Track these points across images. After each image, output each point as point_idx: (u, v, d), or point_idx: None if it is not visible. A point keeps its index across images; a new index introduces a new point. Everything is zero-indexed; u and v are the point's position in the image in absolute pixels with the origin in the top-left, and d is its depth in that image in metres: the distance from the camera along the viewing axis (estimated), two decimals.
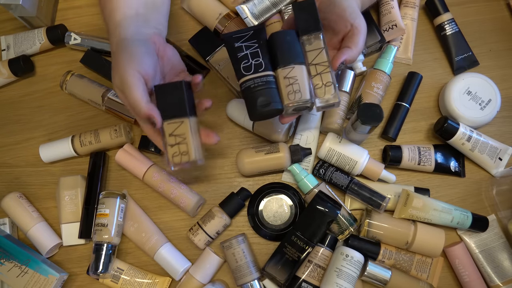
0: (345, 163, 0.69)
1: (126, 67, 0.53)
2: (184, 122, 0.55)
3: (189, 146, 0.55)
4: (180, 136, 0.55)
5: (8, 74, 0.76)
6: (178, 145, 0.55)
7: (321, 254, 0.65)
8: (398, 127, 0.73)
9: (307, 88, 0.55)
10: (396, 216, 0.67)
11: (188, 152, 0.55)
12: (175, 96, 0.55)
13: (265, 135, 0.71)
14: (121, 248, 0.72)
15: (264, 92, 0.54)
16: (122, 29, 0.56)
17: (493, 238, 0.68)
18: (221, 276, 0.70)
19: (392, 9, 0.75)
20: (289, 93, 0.54)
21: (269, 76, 0.55)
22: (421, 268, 0.67)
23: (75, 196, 0.71)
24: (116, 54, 0.55)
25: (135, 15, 0.58)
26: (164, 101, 0.55)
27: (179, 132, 0.55)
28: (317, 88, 0.55)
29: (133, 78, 0.52)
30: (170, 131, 0.55)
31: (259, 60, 0.55)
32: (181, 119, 0.55)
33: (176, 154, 0.55)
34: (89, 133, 0.72)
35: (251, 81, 0.54)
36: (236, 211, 0.70)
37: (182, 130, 0.55)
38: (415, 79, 0.74)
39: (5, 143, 0.77)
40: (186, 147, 0.55)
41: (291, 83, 0.54)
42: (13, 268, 0.64)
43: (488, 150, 0.70)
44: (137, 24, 0.58)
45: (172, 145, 0.55)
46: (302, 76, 0.55)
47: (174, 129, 0.55)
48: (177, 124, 0.55)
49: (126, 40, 0.55)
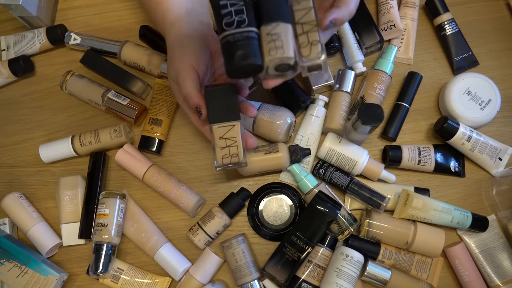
0: (345, 163, 0.69)
1: (182, 61, 0.56)
2: (236, 126, 0.56)
3: (239, 149, 0.57)
4: (231, 139, 0.56)
5: (8, 74, 0.76)
6: (228, 147, 0.56)
7: (321, 254, 0.65)
8: (398, 127, 0.73)
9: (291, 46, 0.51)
10: (396, 216, 0.67)
11: (238, 154, 0.57)
12: (226, 99, 0.56)
13: (265, 135, 0.71)
14: (121, 248, 0.72)
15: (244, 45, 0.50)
16: (176, 27, 0.59)
17: (493, 238, 0.68)
18: (221, 276, 0.70)
19: (391, 8, 0.75)
20: (270, 49, 0.51)
21: (251, 32, 0.51)
22: (421, 268, 0.67)
23: (75, 196, 0.71)
24: (172, 49, 0.58)
25: (187, 13, 0.60)
26: (214, 103, 0.56)
27: (230, 136, 0.56)
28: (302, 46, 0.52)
29: (187, 70, 0.55)
30: (220, 134, 0.56)
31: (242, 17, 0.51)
32: (233, 123, 0.56)
33: (226, 156, 0.57)
34: (89, 133, 0.72)
35: (231, 36, 0.50)
36: (236, 211, 0.70)
37: (233, 134, 0.56)
38: (415, 79, 0.74)
39: (5, 143, 0.77)
40: (236, 149, 0.57)
41: (273, 39, 0.51)
42: (13, 268, 0.64)
43: (488, 150, 0.70)
44: (190, 20, 0.60)
45: (222, 147, 0.56)
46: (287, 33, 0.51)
47: (225, 132, 0.56)
48: (228, 127, 0.56)
49: (182, 36, 0.58)
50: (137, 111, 0.72)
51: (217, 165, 0.57)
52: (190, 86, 0.55)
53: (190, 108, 0.58)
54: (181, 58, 0.56)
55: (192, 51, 0.56)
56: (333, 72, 0.75)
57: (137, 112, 0.72)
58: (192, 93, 0.55)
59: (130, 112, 0.72)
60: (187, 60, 0.56)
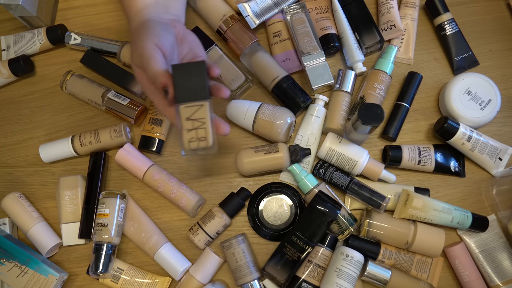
0: (345, 163, 0.69)
1: (145, 41, 0.53)
2: (204, 106, 0.52)
3: (208, 131, 0.52)
4: (199, 120, 0.52)
5: (8, 74, 0.76)
6: (196, 130, 0.52)
7: (321, 254, 0.65)
8: (398, 127, 0.73)
9: None
10: (396, 216, 0.67)
11: (206, 137, 0.53)
12: (195, 77, 0.52)
13: (265, 136, 0.71)
14: (121, 248, 0.72)
15: None
16: (142, 15, 0.58)
17: (493, 238, 0.68)
18: (221, 276, 0.70)
19: (391, 8, 0.75)
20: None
21: None
22: (421, 268, 0.67)
23: (75, 196, 0.71)
24: (134, 34, 0.56)
25: (155, 3, 0.59)
26: (182, 82, 0.52)
27: (198, 116, 0.52)
28: None
29: (150, 50, 0.53)
30: (187, 115, 0.52)
31: None
32: (201, 103, 0.52)
33: (193, 140, 0.53)
34: (89, 133, 0.72)
35: None
36: (236, 211, 0.70)
37: (201, 114, 0.52)
38: (415, 79, 0.74)
39: (5, 143, 0.77)
40: (204, 132, 0.52)
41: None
42: (13, 268, 0.64)
43: (488, 150, 0.70)
44: (157, 10, 0.59)
45: (189, 129, 0.52)
46: None
47: (193, 112, 0.52)
48: (196, 107, 0.52)
49: (145, 21, 0.57)
50: (137, 111, 0.72)
51: (184, 149, 0.53)
52: (156, 65, 0.52)
53: (156, 89, 0.55)
54: (144, 39, 0.54)
55: (155, 32, 0.54)
56: (333, 72, 0.75)
57: (137, 112, 0.72)
58: (159, 71, 0.52)
59: (130, 112, 0.72)
60: (150, 40, 0.53)
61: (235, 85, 0.72)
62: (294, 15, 0.74)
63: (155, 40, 0.54)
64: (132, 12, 0.59)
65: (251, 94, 0.76)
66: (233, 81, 0.72)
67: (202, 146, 0.53)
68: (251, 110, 0.70)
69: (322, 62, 0.72)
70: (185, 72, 0.52)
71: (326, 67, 0.72)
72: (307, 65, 0.72)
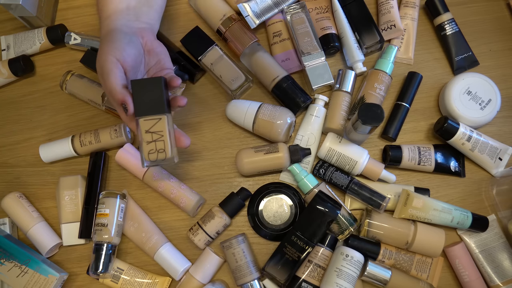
0: (345, 163, 0.69)
1: (107, 54, 0.54)
2: (162, 119, 0.55)
3: (166, 143, 0.55)
4: (157, 133, 0.55)
5: (8, 74, 0.76)
6: (154, 142, 0.55)
7: (321, 254, 0.65)
8: (398, 127, 0.73)
9: None
10: (396, 216, 0.67)
11: (164, 149, 0.55)
12: (153, 92, 0.55)
13: (265, 135, 0.71)
14: (121, 248, 0.72)
15: None
16: (111, 21, 0.58)
17: (493, 238, 0.68)
18: (221, 276, 0.70)
19: (391, 8, 0.75)
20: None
21: None
22: (421, 268, 0.67)
23: (75, 196, 0.71)
24: (101, 42, 0.57)
25: (126, 9, 0.59)
26: (141, 97, 0.54)
27: (156, 129, 0.55)
28: None
29: (110, 64, 0.54)
30: (146, 128, 0.55)
31: None
32: (159, 116, 0.55)
33: (152, 152, 0.55)
34: (89, 133, 0.72)
35: None
36: (236, 211, 0.70)
37: (159, 127, 0.55)
38: (415, 79, 0.74)
39: (5, 143, 0.77)
40: (163, 144, 0.55)
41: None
42: (13, 268, 0.64)
43: (488, 150, 0.70)
44: (127, 18, 0.59)
45: (148, 142, 0.55)
46: None
47: (151, 126, 0.55)
48: (155, 121, 0.55)
49: (112, 30, 0.57)
50: None
51: (144, 161, 0.56)
52: (114, 82, 0.53)
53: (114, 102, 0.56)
54: (106, 52, 0.54)
55: (118, 45, 0.55)
56: (333, 72, 0.75)
57: None
58: (116, 88, 0.53)
59: None
60: (112, 53, 0.54)
61: (235, 85, 0.72)
62: (294, 15, 0.74)
63: (117, 54, 0.54)
64: (103, 16, 0.60)
65: (251, 94, 0.76)
66: (233, 81, 0.72)
67: (161, 157, 0.55)
68: (251, 110, 0.70)
69: (322, 62, 0.72)
70: (144, 87, 0.55)
71: (326, 67, 0.72)
72: (307, 65, 0.72)
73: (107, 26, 0.58)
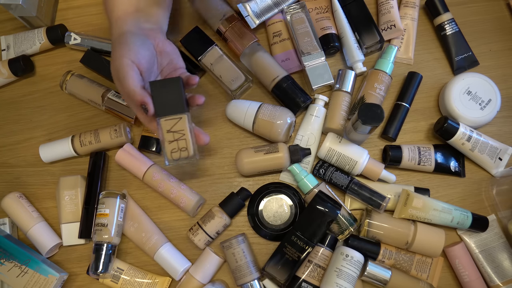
0: (345, 163, 0.69)
1: (122, 57, 0.55)
2: (182, 119, 0.56)
3: (188, 142, 0.57)
4: (179, 132, 0.56)
5: (8, 74, 0.76)
6: (176, 141, 0.56)
7: (321, 254, 0.65)
8: (398, 127, 0.73)
9: None
10: (396, 216, 0.67)
11: (187, 148, 0.57)
12: (172, 92, 0.56)
13: (265, 135, 0.71)
14: (121, 248, 0.72)
15: None
16: (121, 23, 0.58)
17: (493, 238, 0.68)
18: (221, 276, 0.70)
19: (391, 8, 0.75)
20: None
21: None
22: (421, 268, 0.67)
23: (75, 196, 0.71)
24: (113, 46, 0.57)
25: (136, 11, 0.60)
26: (160, 97, 0.56)
27: (177, 129, 0.56)
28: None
29: (126, 67, 0.54)
30: (167, 128, 0.56)
31: None
32: (179, 116, 0.56)
33: (175, 150, 0.57)
34: (89, 133, 0.72)
35: None
36: (236, 211, 0.70)
37: (180, 127, 0.56)
38: (415, 79, 0.74)
39: (5, 143, 0.77)
40: (185, 143, 0.56)
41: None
42: (13, 268, 0.64)
43: (488, 150, 0.70)
44: (137, 19, 0.59)
45: (170, 141, 0.56)
46: None
47: (172, 125, 0.56)
48: (175, 120, 0.56)
49: (124, 33, 0.57)
50: None
51: (167, 160, 0.57)
52: (132, 84, 0.54)
53: (134, 104, 0.57)
54: (121, 55, 0.55)
55: (131, 47, 0.55)
56: (333, 72, 0.75)
57: None
58: (135, 90, 0.54)
59: (130, 112, 0.72)
60: (126, 56, 0.55)
61: (235, 85, 0.72)
62: (294, 15, 0.74)
63: (132, 57, 0.55)
64: (114, 18, 0.60)
65: (251, 94, 0.76)
66: (233, 81, 0.72)
67: (184, 156, 0.57)
68: (251, 110, 0.70)
69: (322, 62, 0.72)
70: (162, 88, 0.56)
71: (326, 67, 0.72)
72: (307, 65, 0.72)
73: (118, 29, 0.58)
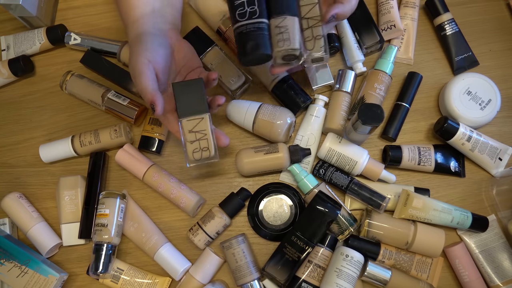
0: (345, 163, 0.69)
1: (139, 56, 0.56)
2: (204, 119, 0.57)
3: (209, 142, 0.57)
4: (201, 132, 0.57)
5: (8, 74, 0.76)
6: (198, 141, 0.57)
7: (321, 254, 0.65)
8: (398, 127, 0.73)
9: (297, 38, 0.56)
10: (396, 216, 0.67)
11: (208, 147, 0.57)
12: (194, 93, 0.57)
13: (265, 135, 0.71)
14: (121, 248, 0.72)
15: (255, 37, 0.55)
16: (139, 25, 0.59)
17: (493, 238, 0.68)
18: (221, 276, 0.70)
19: (391, 8, 0.75)
20: (279, 40, 0.56)
21: (262, 23, 0.56)
22: (421, 268, 0.67)
23: (75, 196, 0.71)
24: (131, 46, 0.58)
25: (152, 12, 0.61)
26: (183, 98, 0.57)
27: (199, 129, 0.57)
28: (307, 40, 0.57)
29: (142, 65, 0.55)
30: (189, 128, 0.57)
31: (254, 8, 0.56)
32: (201, 116, 0.57)
33: (196, 150, 0.57)
34: (89, 133, 0.72)
35: (244, 27, 0.55)
36: (236, 211, 0.70)
37: (202, 127, 0.57)
38: (415, 79, 0.74)
39: (5, 143, 0.77)
40: (206, 142, 0.57)
41: (281, 31, 0.55)
42: (13, 268, 0.64)
43: (488, 150, 0.70)
44: (154, 20, 0.60)
45: (192, 141, 0.57)
46: (294, 26, 0.56)
47: (194, 125, 0.57)
48: (197, 120, 0.57)
49: (142, 33, 0.58)
50: (137, 111, 0.72)
51: (188, 160, 0.57)
52: (144, 82, 0.55)
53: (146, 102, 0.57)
54: (138, 54, 0.56)
55: (149, 46, 0.56)
56: (333, 72, 0.75)
57: (137, 112, 0.72)
58: (146, 88, 0.55)
59: (130, 112, 0.72)
60: (143, 55, 0.56)
61: (235, 85, 0.72)
62: None
63: (149, 56, 0.56)
64: (130, 21, 0.60)
65: (251, 94, 0.76)
66: (233, 81, 0.72)
67: (205, 156, 0.57)
68: (251, 110, 0.70)
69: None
70: (184, 89, 0.57)
71: (326, 67, 0.72)
72: (307, 65, 0.72)
73: (136, 30, 0.59)
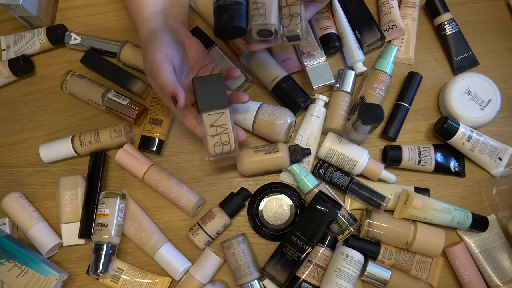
0: (345, 163, 0.69)
1: (155, 52, 0.56)
2: (225, 113, 0.58)
3: (230, 136, 0.58)
4: (222, 126, 0.58)
5: (8, 74, 0.76)
6: (219, 135, 0.58)
7: (321, 254, 0.65)
8: (398, 127, 0.73)
9: (273, 14, 0.56)
10: (396, 216, 0.67)
11: (229, 141, 0.58)
12: (214, 88, 0.58)
13: (265, 135, 0.71)
14: (121, 248, 0.72)
15: (231, 9, 0.55)
16: (150, 23, 0.60)
17: (493, 238, 0.68)
18: (221, 276, 0.70)
19: (391, 9, 0.75)
20: (254, 15, 0.56)
21: None
22: (421, 268, 0.67)
23: (75, 196, 0.71)
24: (145, 43, 0.58)
25: (162, 10, 0.61)
26: (203, 93, 0.57)
27: (220, 123, 0.58)
28: (284, 17, 0.57)
29: (160, 60, 0.56)
30: (210, 122, 0.58)
31: None
32: (222, 110, 0.58)
33: (217, 144, 0.58)
34: (89, 133, 0.72)
35: (222, 1, 0.55)
36: (236, 211, 0.70)
37: (223, 121, 0.58)
38: (415, 79, 0.74)
39: (5, 143, 0.77)
40: (227, 136, 0.58)
41: (258, 7, 0.56)
42: (13, 268, 0.64)
43: (488, 150, 0.70)
44: (165, 18, 0.61)
45: (213, 135, 0.58)
46: (271, 3, 0.56)
47: (215, 120, 0.58)
48: (218, 115, 0.58)
49: (154, 31, 0.59)
50: (137, 111, 0.72)
51: (209, 154, 0.58)
52: (165, 75, 0.55)
53: (166, 96, 0.57)
54: (155, 50, 0.56)
55: (164, 42, 0.57)
56: (333, 72, 0.75)
57: (137, 112, 0.72)
58: (167, 81, 0.55)
59: (130, 112, 0.72)
60: (160, 51, 0.56)
61: (235, 85, 0.72)
62: None
63: (165, 51, 0.56)
64: (140, 20, 0.61)
65: (251, 94, 0.76)
66: (233, 81, 0.72)
67: (226, 150, 0.58)
68: (251, 110, 0.70)
69: (322, 62, 0.72)
70: (204, 84, 0.58)
71: (326, 67, 0.72)
72: (307, 65, 0.72)
73: (147, 28, 0.60)
